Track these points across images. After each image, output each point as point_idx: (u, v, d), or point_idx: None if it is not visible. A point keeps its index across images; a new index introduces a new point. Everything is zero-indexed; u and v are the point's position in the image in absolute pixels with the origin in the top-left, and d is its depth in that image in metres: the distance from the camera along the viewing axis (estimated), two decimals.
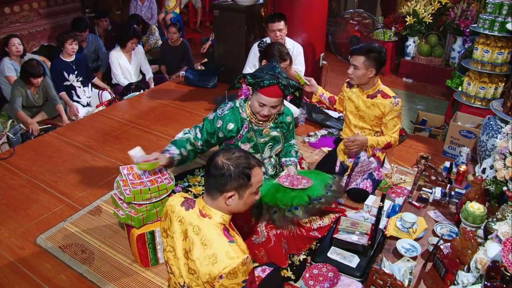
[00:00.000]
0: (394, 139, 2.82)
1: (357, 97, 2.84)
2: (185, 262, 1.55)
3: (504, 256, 1.56)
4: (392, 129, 2.80)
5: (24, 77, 3.94)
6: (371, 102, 2.77)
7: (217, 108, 2.45)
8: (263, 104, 2.26)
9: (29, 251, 2.46)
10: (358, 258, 2.21)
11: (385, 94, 2.75)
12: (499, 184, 2.17)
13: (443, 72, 5.26)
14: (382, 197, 2.53)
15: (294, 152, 2.64)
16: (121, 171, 2.60)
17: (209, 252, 1.45)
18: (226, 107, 2.41)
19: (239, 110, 2.40)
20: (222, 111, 2.40)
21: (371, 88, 2.76)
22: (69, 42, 4.30)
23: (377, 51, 2.63)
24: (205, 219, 1.53)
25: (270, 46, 3.02)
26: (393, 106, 2.72)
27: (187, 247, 1.53)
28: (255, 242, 2.25)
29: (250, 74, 2.26)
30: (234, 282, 1.44)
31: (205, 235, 1.49)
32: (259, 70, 2.34)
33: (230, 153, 1.54)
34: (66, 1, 5.66)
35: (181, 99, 4.60)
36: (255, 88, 2.26)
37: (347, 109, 2.94)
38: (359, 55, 2.64)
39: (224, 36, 4.79)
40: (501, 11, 3.49)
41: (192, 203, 1.59)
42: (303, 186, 2.26)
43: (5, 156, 3.45)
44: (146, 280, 2.25)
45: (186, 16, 7.93)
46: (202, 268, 1.46)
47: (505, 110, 2.93)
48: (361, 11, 4.56)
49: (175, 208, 1.60)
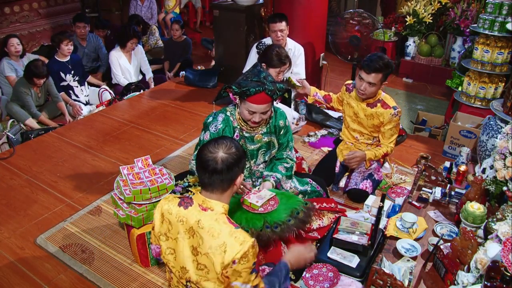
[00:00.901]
0: (391, 149, 2.84)
1: (356, 103, 2.83)
2: (194, 259, 1.56)
3: (504, 256, 1.56)
4: (389, 138, 2.80)
5: (27, 77, 3.94)
6: (371, 112, 2.76)
7: (208, 124, 2.34)
8: (252, 111, 2.21)
9: (29, 251, 2.46)
10: (358, 258, 2.21)
11: (385, 104, 2.72)
12: (499, 184, 2.17)
13: (443, 72, 5.26)
14: (382, 197, 2.52)
15: (283, 168, 2.47)
16: (121, 171, 2.60)
17: (219, 242, 1.49)
18: (219, 121, 2.31)
19: (231, 119, 2.34)
20: (216, 127, 2.31)
21: (371, 98, 2.74)
22: (65, 43, 4.30)
23: (391, 66, 2.59)
24: (207, 212, 1.55)
25: (269, 49, 3.00)
26: (393, 117, 2.71)
27: (195, 244, 1.54)
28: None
29: (235, 84, 2.21)
30: (246, 266, 1.48)
31: (211, 227, 1.53)
32: (244, 78, 2.26)
33: (217, 145, 1.56)
34: (66, 1, 5.67)
35: (181, 99, 4.60)
36: (243, 97, 2.20)
37: (346, 113, 2.94)
38: (377, 72, 2.55)
39: (224, 36, 4.79)
40: (501, 11, 3.48)
41: (189, 201, 1.60)
42: (265, 210, 2.10)
43: (5, 156, 3.45)
44: (146, 280, 2.25)
45: (186, 16, 7.92)
46: (215, 258, 1.49)
47: (505, 110, 2.93)
48: (361, 11, 4.55)
49: (172, 210, 1.60)
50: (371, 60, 2.58)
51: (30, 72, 3.91)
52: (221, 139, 1.61)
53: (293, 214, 2.13)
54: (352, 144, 2.99)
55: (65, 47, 4.31)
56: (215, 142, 1.58)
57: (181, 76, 5.09)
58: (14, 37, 4.33)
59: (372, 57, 2.59)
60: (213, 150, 1.54)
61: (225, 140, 1.60)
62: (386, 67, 2.56)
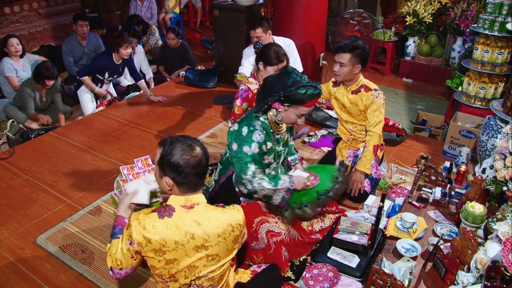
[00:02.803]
0: (378, 136, 2.73)
1: (342, 95, 2.89)
2: (203, 255, 1.57)
3: (504, 256, 1.56)
4: (374, 124, 2.73)
5: (37, 78, 3.94)
6: (355, 98, 2.81)
7: (247, 137, 2.16)
8: (302, 114, 2.17)
9: (29, 251, 2.46)
10: (358, 258, 2.21)
11: (367, 88, 2.78)
12: (499, 184, 2.17)
13: (443, 72, 5.26)
14: (382, 197, 2.53)
15: (294, 148, 2.68)
16: (121, 171, 2.60)
17: (224, 223, 1.60)
18: (258, 130, 2.16)
19: (266, 123, 2.23)
20: (260, 136, 2.16)
21: (354, 84, 2.81)
22: (124, 47, 4.16)
23: (362, 48, 2.69)
24: (194, 209, 1.56)
25: (267, 47, 3.00)
26: (374, 98, 2.73)
27: (199, 243, 1.55)
28: (254, 248, 2.23)
29: (287, 95, 2.09)
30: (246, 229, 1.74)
31: (210, 217, 1.57)
32: (289, 85, 2.09)
33: (190, 147, 1.55)
34: (66, 1, 5.66)
35: (181, 99, 4.60)
36: (297, 104, 2.10)
37: (336, 107, 3.00)
38: (345, 52, 2.69)
39: (224, 36, 4.79)
40: (501, 11, 3.48)
41: (168, 209, 1.55)
42: (312, 185, 2.28)
43: (5, 156, 3.45)
44: (146, 280, 2.25)
45: (186, 16, 7.93)
46: (228, 239, 1.61)
47: (505, 110, 2.93)
48: (361, 11, 4.56)
49: (157, 225, 1.51)
50: (343, 43, 2.75)
51: (41, 74, 3.91)
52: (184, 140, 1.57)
53: (334, 180, 2.34)
54: (347, 140, 3.00)
55: (124, 51, 4.17)
56: (186, 146, 1.54)
57: (181, 76, 5.08)
58: (14, 37, 4.32)
59: (346, 41, 2.76)
60: (193, 152, 1.53)
61: (186, 140, 1.57)
62: (353, 48, 2.67)
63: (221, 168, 2.39)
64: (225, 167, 2.37)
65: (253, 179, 2.12)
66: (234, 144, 2.19)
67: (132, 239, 1.52)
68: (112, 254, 1.60)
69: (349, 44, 2.69)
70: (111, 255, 1.60)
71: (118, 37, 4.23)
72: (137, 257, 1.57)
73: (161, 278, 1.62)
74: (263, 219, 2.24)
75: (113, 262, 1.59)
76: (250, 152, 2.14)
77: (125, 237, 1.55)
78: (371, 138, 2.74)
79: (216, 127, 3.98)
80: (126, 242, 1.54)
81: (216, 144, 3.64)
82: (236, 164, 2.18)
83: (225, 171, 2.36)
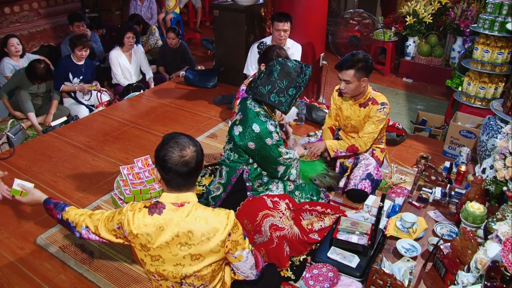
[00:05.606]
0: (363, 143, 2.76)
1: (348, 106, 2.84)
2: (187, 254, 1.57)
3: (504, 256, 1.57)
4: (366, 132, 2.75)
5: (29, 77, 3.94)
6: (364, 112, 2.77)
7: (271, 133, 2.29)
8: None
9: (29, 251, 2.46)
10: (358, 258, 2.21)
11: (375, 101, 2.73)
12: (499, 184, 2.17)
13: (443, 72, 5.27)
14: (382, 197, 2.53)
15: None
16: (121, 171, 2.60)
17: (210, 225, 1.56)
18: (267, 121, 2.29)
19: (266, 114, 2.34)
20: (272, 125, 2.30)
21: (362, 97, 2.75)
22: (78, 49, 4.24)
23: (364, 60, 2.58)
24: (184, 207, 1.57)
25: (270, 50, 3.00)
26: (378, 111, 2.70)
27: (183, 240, 1.55)
28: (257, 241, 2.25)
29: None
30: (239, 233, 1.62)
31: (197, 216, 1.56)
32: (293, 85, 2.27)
33: (180, 146, 1.55)
34: (66, 1, 5.67)
35: (181, 99, 4.60)
36: None
37: (340, 118, 2.97)
38: (348, 69, 2.58)
39: (224, 36, 4.79)
40: (501, 11, 3.49)
41: (160, 205, 1.57)
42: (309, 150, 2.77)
43: (5, 156, 3.45)
44: (146, 280, 2.25)
45: (186, 16, 7.93)
46: (211, 240, 1.56)
47: (505, 110, 2.93)
48: (361, 11, 4.56)
49: (146, 221, 1.56)
50: (343, 59, 2.64)
51: (35, 75, 3.92)
52: (181, 139, 1.58)
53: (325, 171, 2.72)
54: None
55: (78, 52, 4.26)
56: (177, 144, 1.54)
57: (181, 76, 5.08)
58: (14, 37, 4.32)
59: (346, 57, 2.64)
60: (181, 152, 1.53)
61: (184, 139, 1.58)
62: (356, 62, 2.57)
63: (228, 170, 2.43)
64: (232, 168, 2.41)
65: (287, 154, 2.39)
66: (251, 144, 2.29)
67: (122, 227, 1.60)
68: (94, 220, 1.70)
69: (351, 59, 2.58)
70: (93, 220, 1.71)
71: (74, 37, 4.37)
72: (121, 236, 1.65)
73: (152, 275, 1.66)
74: (268, 213, 2.26)
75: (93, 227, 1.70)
76: (274, 141, 2.30)
77: (115, 219, 1.63)
78: (356, 140, 2.80)
79: (216, 127, 3.98)
80: (114, 225, 1.64)
81: (216, 144, 3.65)
82: (268, 156, 2.32)
83: (234, 171, 2.41)
